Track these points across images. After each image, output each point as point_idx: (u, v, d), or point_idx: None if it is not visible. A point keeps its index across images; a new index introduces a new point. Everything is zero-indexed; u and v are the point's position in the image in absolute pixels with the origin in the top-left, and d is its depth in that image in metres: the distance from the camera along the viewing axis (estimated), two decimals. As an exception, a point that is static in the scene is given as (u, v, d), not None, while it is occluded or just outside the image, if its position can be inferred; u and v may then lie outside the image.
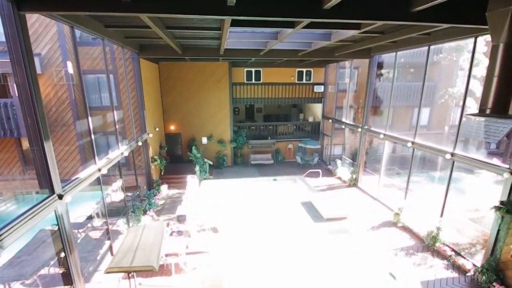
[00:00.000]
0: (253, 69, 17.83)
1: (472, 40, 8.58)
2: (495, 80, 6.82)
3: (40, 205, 4.92)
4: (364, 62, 14.13)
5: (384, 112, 12.99)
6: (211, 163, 16.33)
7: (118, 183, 9.32)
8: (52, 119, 12.84)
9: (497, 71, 6.64)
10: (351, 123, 15.76)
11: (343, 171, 15.86)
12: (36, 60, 11.69)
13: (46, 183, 5.36)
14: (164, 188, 13.46)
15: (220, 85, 17.03)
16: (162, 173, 15.08)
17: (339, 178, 15.69)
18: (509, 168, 7.04)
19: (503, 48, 6.53)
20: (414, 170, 12.52)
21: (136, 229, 6.65)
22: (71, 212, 6.68)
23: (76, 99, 12.88)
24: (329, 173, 16.46)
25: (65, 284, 5.52)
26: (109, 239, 8.04)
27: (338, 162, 16.13)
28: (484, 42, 15.75)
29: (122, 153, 9.00)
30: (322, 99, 18.96)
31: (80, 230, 7.70)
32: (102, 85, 13.26)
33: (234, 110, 18.27)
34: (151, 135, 13.00)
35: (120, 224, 9.02)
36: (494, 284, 7.10)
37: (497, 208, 7.09)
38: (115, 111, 9.08)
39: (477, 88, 16.66)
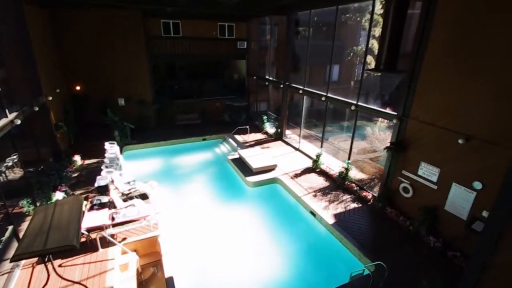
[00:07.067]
0: (170, 21, 16.13)
1: (371, 1, 9.48)
2: (387, 39, 7.81)
3: None
4: (283, 20, 14.25)
5: (302, 69, 13.70)
6: (132, 126, 14.91)
7: (13, 157, 7.79)
8: None
9: (388, 30, 7.61)
10: (274, 79, 16.23)
11: (269, 126, 16.67)
12: None
13: None
14: (77, 158, 11.91)
15: (134, 39, 15.03)
16: (72, 142, 13.24)
17: (266, 132, 16.48)
18: (397, 115, 8.45)
19: (393, 10, 7.48)
20: (328, 121, 14.01)
21: (45, 208, 5.78)
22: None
23: None
24: (257, 129, 17.06)
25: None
26: (11, 224, 6.90)
27: (264, 117, 16.77)
28: (380, 5, 17.52)
29: (12, 122, 7.42)
30: (246, 55, 18.73)
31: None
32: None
33: (154, 68, 16.60)
34: (50, 98, 10.95)
35: (24, 205, 7.76)
36: (387, 208, 8.92)
37: (388, 148, 8.63)
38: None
39: (376, 46, 18.78)
